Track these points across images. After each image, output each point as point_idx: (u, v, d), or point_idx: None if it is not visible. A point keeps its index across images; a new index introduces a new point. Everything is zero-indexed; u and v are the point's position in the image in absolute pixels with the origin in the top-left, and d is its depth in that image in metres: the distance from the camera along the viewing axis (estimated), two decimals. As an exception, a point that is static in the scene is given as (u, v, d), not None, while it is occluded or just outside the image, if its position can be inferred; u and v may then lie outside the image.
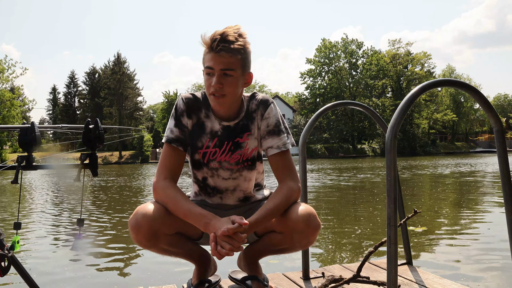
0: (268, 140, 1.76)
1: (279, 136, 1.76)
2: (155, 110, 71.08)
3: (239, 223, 1.54)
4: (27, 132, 1.65)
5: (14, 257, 1.59)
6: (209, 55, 1.61)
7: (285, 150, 1.75)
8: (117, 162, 45.57)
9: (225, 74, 1.62)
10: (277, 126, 1.77)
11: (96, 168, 1.74)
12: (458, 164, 24.31)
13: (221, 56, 1.59)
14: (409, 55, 59.64)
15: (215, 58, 1.60)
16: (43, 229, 6.37)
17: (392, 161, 1.48)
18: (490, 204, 7.97)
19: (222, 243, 1.53)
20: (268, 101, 1.80)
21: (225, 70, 1.61)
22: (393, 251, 1.47)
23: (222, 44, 1.58)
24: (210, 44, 1.59)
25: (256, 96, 1.81)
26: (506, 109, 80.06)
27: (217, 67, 1.60)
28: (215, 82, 1.61)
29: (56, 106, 61.98)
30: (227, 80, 1.62)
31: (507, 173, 1.64)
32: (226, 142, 1.77)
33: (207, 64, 1.62)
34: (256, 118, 1.78)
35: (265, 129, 1.77)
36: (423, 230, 5.47)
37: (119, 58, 55.94)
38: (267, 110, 1.78)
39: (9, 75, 37.05)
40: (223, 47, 1.58)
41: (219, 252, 1.52)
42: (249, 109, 1.79)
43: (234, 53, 1.60)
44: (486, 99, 1.63)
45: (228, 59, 1.59)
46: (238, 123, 1.77)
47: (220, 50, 1.58)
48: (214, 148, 1.77)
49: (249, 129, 1.78)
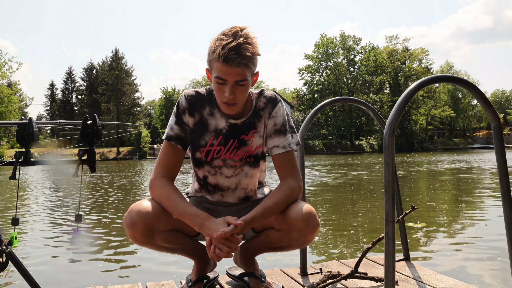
0: (275, 139, 1.76)
1: (285, 136, 1.76)
2: (153, 106, 71.03)
3: (234, 224, 1.54)
4: (25, 127, 1.64)
5: (12, 252, 1.59)
6: (221, 65, 1.55)
7: (289, 149, 1.75)
8: (115, 158, 45.55)
9: (238, 85, 1.59)
10: (283, 125, 1.77)
11: (94, 164, 1.73)
12: (455, 160, 24.37)
13: (236, 69, 1.54)
14: (407, 51, 59.70)
15: (229, 71, 1.55)
16: (41, 225, 6.36)
17: (390, 157, 1.48)
18: (488, 200, 8.00)
19: (219, 245, 1.52)
20: (276, 99, 1.79)
21: (239, 81, 1.58)
22: (391, 247, 1.47)
23: (238, 60, 1.52)
24: (224, 56, 1.52)
25: (264, 93, 1.80)
26: (504, 105, 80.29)
27: (231, 79, 1.56)
28: (229, 93, 1.58)
29: (53, 102, 61.91)
30: (239, 90, 1.60)
31: (505, 168, 1.64)
32: (232, 140, 1.76)
33: (220, 75, 1.56)
34: (263, 116, 1.77)
35: (272, 127, 1.77)
36: (422, 226, 5.49)
37: (117, 54, 55.84)
38: (275, 108, 1.77)
39: (5, 71, 36.89)
40: (239, 61, 1.53)
41: (218, 255, 1.52)
42: (257, 106, 1.78)
43: (248, 65, 1.56)
44: (483, 95, 1.63)
45: (243, 71, 1.56)
46: (245, 121, 1.76)
47: (236, 65, 1.53)
48: (218, 146, 1.76)
49: (255, 127, 1.77)
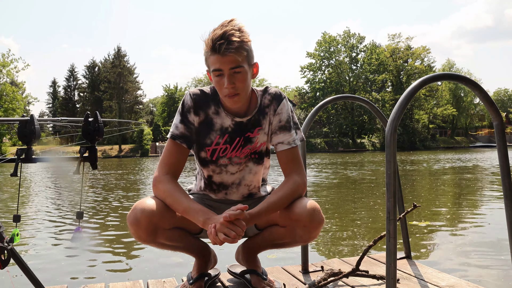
0: (280, 135, 1.76)
1: (290, 132, 1.77)
2: (155, 104, 71.03)
3: (240, 208, 1.54)
4: (27, 124, 1.64)
5: (13, 249, 1.59)
6: (214, 57, 1.59)
7: (294, 146, 1.76)
8: (117, 156, 45.62)
9: (234, 72, 1.60)
10: (288, 122, 1.78)
11: (96, 161, 1.73)
12: (458, 159, 24.32)
13: (227, 56, 1.56)
14: (409, 49, 59.51)
15: (221, 60, 1.57)
16: (42, 222, 6.37)
17: (392, 155, 1.47)
18: (490, 199, 7.98)
19: (225, 230, 1.49)
20: (281, 96, 1.80)
21: (234, 68, 1.59)
22: (392, 245, 1.47)
23: (225, 45, 1.55)
24: (213, 46, 1.57)
25: (268, 90, 1.81)
26: (506, 103, 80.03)
27: (226, 67, 1.59)
28: (228, 83, 1.60)
29: (56, 100, 61.93)
30: (237, 78, 1.61)
31: (507, 167, 1.63)
32: (238, 138, 1.76)
33: (215, 67, 1.60)
34: (268, 114, 1.78)
35: (277, 124, 1.77)
36: (427, 224, 5.47)
37: (119, 52, 55.86)
38: (280, 105, 1.78)
39: (11, 70, 37.06)
40: (227, 47, 1.55)
41: (223, 240, 1.49)
42: (262, 104, 1.78)
43: (239, 50, 1.58)
44: (486, 93, 1.62)
45: (235, 57, 1.57)
46: (250, 119, 1.76)
47: (225, 50, 1.56)
48: (224, 145, 1.77)
49: (260, 124, 1.77)
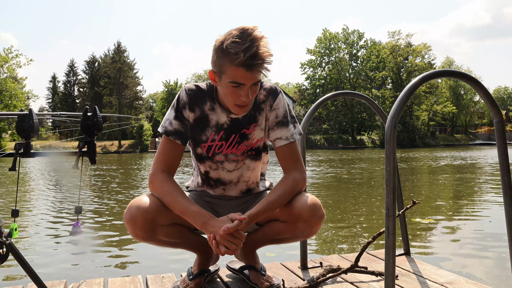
0: (277, 131, 1.74)
1: (288, 127, 1.74)
2: (155, 99, 70.96)
3: (239, 219, 1.54)
4: (25, 119, 1.63)
5: (12, 244, 1.59)
6: (240, 71, 1.50)
7: (292, 141, 1.74)
8: (117, 151, 45.63)
9: (254, 85, 1.57)
10: (285, 117, 1.75)
11: (94, 156, 1.72)
12: (457, 156, 24.32)
13: (256, 73, 1.52)
14: (410, 46, 59.44)
15: (249, 76, 1.52)
16: (41, 217, 6.37)
17: (391, 151, 1.47)
18: (489, 196, 7.99)
19: (225, 243, 1.52)
20: (276, 91, 1.76)
21: (256, 83, 1.57)
22: (391, 242, 1.47)
23: (259, 66, 1.51)
24: (244, 62, 1.47)
25: (263, 85, 1.76)
26: (506, 101, 80.00)
27: (249, 83, 1.54)
28: (246, 96, 1.55)
29: (55, 95, 61.88)
30: (254, 90, 1.59)
31: (507, 165, 1.63)
32: (234, 135, 1.74)
33: (238, 80, 1.52)
34: (264, 109, 1.75)
35: (273, 120, 1.74)
36: (429, 221, 5.46)
37: (119, 47, 55.82)
38: (276, 100, 1.75)
39: (12, 65, 37.08)
40: (260, 67, 1.51)
41: (224, 252, 1.52)
42: (257, 99, 1.74)
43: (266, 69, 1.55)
44: (486, 90, 1.61)
45: (259, 74, 1.54)
46: (246, 115, 1.73)
47: (256, 69, 1.51)
48: (220, 141, 1.74)
49: (256, 120, 1.74)
